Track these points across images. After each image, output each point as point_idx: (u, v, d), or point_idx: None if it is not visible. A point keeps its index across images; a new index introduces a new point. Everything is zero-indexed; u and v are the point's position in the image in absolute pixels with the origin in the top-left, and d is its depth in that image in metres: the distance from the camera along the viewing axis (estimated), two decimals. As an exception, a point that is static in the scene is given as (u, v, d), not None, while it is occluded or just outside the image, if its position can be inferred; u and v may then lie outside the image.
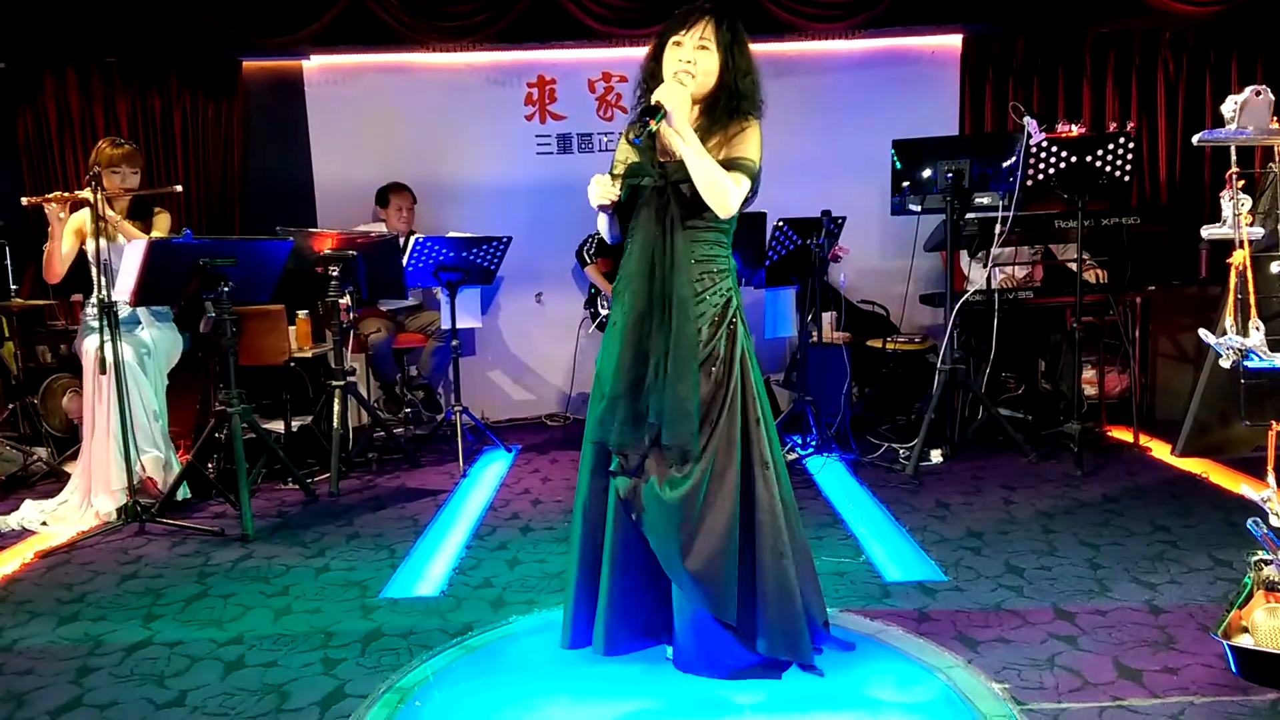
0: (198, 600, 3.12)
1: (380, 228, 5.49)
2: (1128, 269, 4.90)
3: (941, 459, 4.60)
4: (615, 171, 2.42)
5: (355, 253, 4.51)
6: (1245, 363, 2.26)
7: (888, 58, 5.95)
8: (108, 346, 3.74)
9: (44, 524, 4.01)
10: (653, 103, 2.21)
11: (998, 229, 4.40)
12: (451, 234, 4.96)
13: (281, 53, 5.71)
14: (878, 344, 5.47)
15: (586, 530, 2.42)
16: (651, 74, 2.36)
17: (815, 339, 5.08)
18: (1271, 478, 2.35)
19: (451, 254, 4.82)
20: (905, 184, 4.65)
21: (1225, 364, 2.28)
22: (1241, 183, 2.25)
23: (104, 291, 3.76)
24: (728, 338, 2.32)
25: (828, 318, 5.42)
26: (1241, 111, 2.26)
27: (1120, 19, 5.64)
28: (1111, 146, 4.29)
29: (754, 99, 2.31)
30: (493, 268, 5.01)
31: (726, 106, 2.29)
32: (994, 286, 4.84)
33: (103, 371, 3.76)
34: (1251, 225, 2.27)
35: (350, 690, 2.46)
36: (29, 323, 5.32)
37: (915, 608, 2.88)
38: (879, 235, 5.92)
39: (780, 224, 4.60)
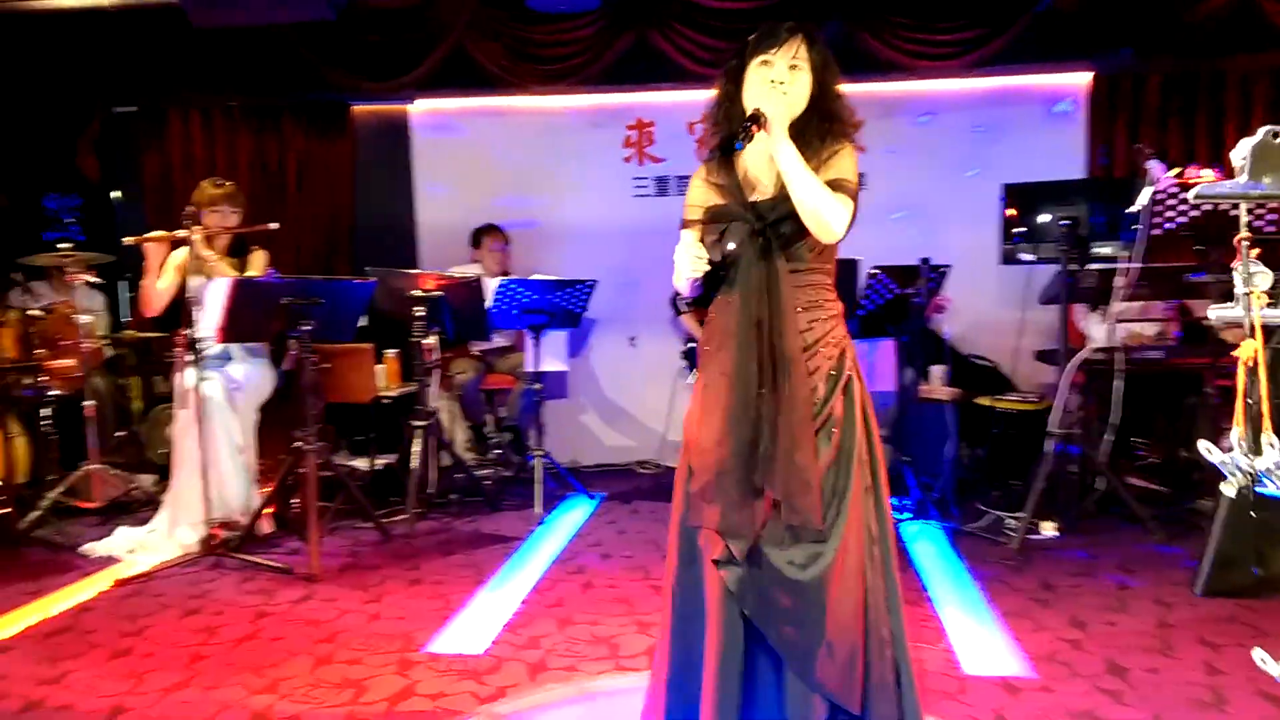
0: (247, 642, 3.09)
1: (475, 269, 5.50)
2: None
3: (1055, 533, 4.19)
4: (690, 216, 2.13)
5: (441, 294, 4.52)
6: (1256, 488, 1.65)
7: (1005, 97, 5.61)
8: (192, 380, 3.83)
9: (131, 552, 4.12)
10: (750, 111, 1.95)
11: (1119, 281, 4.01)
12: (536, 275, 4.92)
13: (388, 97, 5.86)
14: (987, 401, 5.08)
15: (679, 629, 2.10)
16: (730, 96, 2.09)
17: (916, 395, 4.76)
18: None
19: (536, 296, 4.77)
20: (1016, 231, 4.31)
21: (1228, 490, 1.68)
22: (1257, 252, 1.61)
23: (193, 327, 3.87)
24: (844, 393, 2.03)
25: (937, 371, 5.08)
26: (1255, 159, 1.62)
27: (1267, 53, 5.13)
28: (1253, 193, 3.85)
29: (847, 122, 2.07)
30: (578, 310, 4.93)
31: (818, 130, 2.04)
32: (1117, 344, 4.41)
33: (183, 406, 3.85)
34: (1270, 307, 1.62)
35: (365, 755, 2.36)
36: (148, 354, 5.55)
37: (992, 708, 2.56)
38: (994, 285, 5.54)
39: (875, 271, 4.34)
